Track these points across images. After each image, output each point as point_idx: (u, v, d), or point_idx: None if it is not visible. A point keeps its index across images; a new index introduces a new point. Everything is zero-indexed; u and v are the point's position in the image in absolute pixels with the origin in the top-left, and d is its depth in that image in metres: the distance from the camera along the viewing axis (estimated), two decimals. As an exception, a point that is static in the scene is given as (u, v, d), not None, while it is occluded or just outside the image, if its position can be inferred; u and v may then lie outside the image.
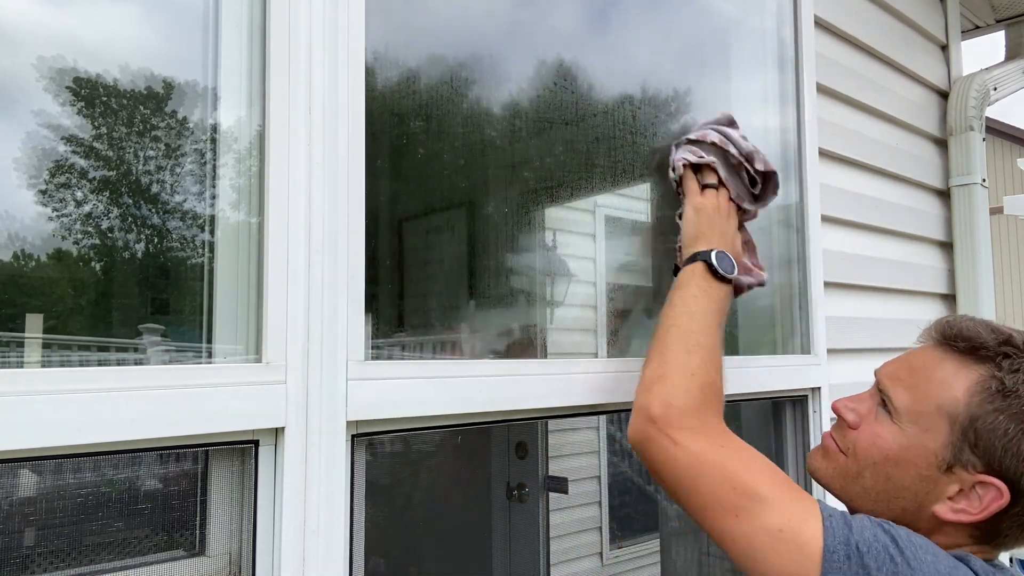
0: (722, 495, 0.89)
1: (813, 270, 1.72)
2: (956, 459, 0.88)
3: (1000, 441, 0.86)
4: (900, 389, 0.95)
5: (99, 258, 0.81)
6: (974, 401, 0.88)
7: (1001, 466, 0.86)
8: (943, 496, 0.90)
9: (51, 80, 0.77)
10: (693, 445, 0.94)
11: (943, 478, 0.89)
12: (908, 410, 0.93)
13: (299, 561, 0.83)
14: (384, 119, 1.03)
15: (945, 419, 0.89)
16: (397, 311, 1.08)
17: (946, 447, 0.89)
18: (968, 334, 0.93)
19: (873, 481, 0.95)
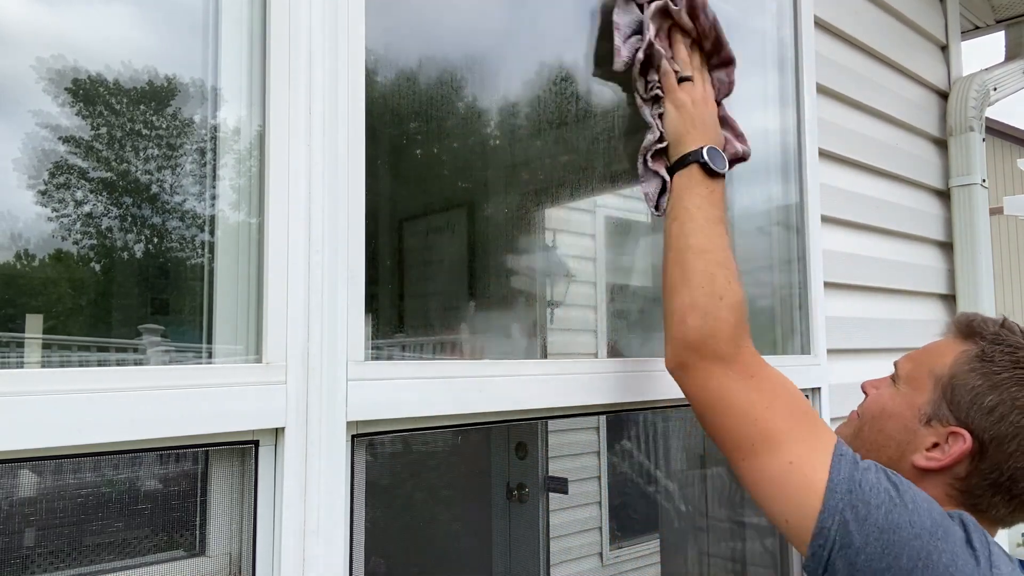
0: (743, 430, 0.96)
1: (813, 270, 1.72)
2: (934, 413, 1.00)
3: (968, 395, 0.98)
4: (907, 362, 1.10)
5: (99, 258, 0.81)
6: (956, 364, 1.01)
7: (968, 418, 0.97)
8: (921, 447, 1.01)
9: (50, 80, 0.77)
10: (724, 378, 0.99)
11: (922, 430, 1.01)
12: (906, 375, 1.07)
13: (299, 561, 0.83)
14: (384, 119, 1.03)
15: (932, 379, 1.02)
16: (397, 311, 1.08)
17: (928, 403, 1.01)
18: (971, 318, 1.06)
19: (870, 432, 1.08)
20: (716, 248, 1.06)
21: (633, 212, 1.47)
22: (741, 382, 0.98)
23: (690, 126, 1.16)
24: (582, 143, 1.32)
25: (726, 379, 0.99)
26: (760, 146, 1.72)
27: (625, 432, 4.01)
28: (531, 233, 1.27)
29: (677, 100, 1.18)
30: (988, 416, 0.96)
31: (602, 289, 1.39)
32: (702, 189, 1.11)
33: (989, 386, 0.96)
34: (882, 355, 2.13)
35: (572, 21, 1.31)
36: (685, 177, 1.13)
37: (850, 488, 0.87)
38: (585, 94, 1.32)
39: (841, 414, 1.84)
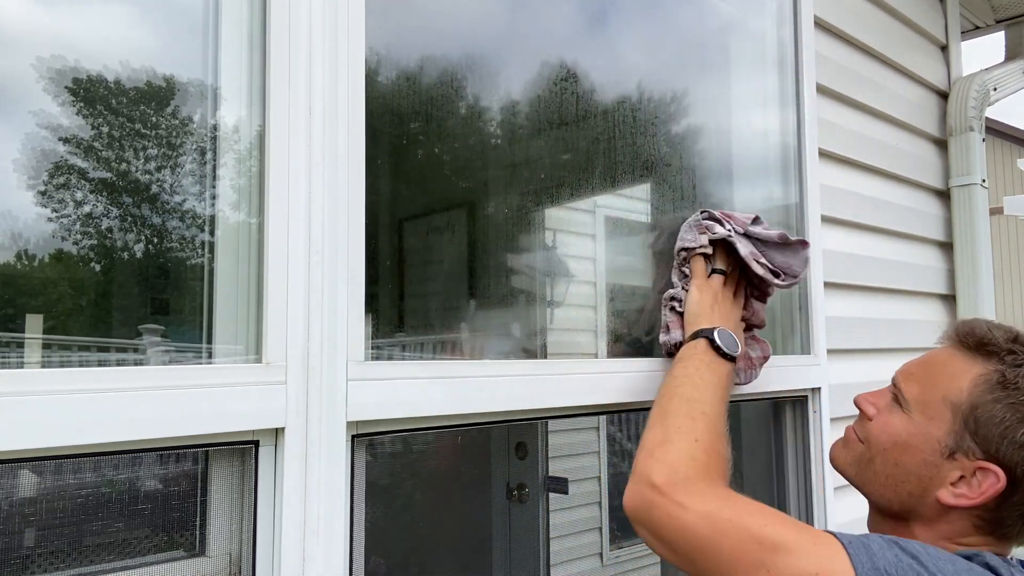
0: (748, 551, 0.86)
1: (813, 270, 1.72)
2: (958, 446, 0.93)
3: (997, 429, 0.91)
4: (912, 383, 1.01)
5: (99, 258, 0.81)
6: (976, 392, 0.93)
7: (999, 453, 0.90)
8: (946, 482, 0.94)
9: (50, 80, 0.77)
10: (704, 506, 0.90)
11: (945, 464, 0.94)
12: (916, 400, 0.99)
13: (299, 561, 0.83)
14: (384, 119, 1.03)
15: (949, 408, 0.95)
16: (397, 311, 1.08)
17: (949, 434, 0.94)
18: (979, 332, 0.98)
19: (883, 466, 1.00)
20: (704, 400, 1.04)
21: (633, 212, 1.47)
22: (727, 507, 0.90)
23: (708, 310, 1.20)
24: (582, 143, 1.32)
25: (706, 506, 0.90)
26: (760, 146, 1.72)
27: (625, 432, 4.01)
28: (531, 233, 1.27)
29: (701, 285, 1.23)
30: (1021, 450, 0.90)
31: (602, 289, 1.39)
32: (705, 357, 1.11)
33: (1019, 419, 0.90)
34: (882, 355, 2.13)
35: (572, 21, 1.31)
36: (691, 347, 1.15)
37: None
38: (586, 94, 1.32)
39: (840, 414, 1.84)
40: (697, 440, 0.98)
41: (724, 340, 1.14)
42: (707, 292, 1.22)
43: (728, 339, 1.14)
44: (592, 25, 1.36)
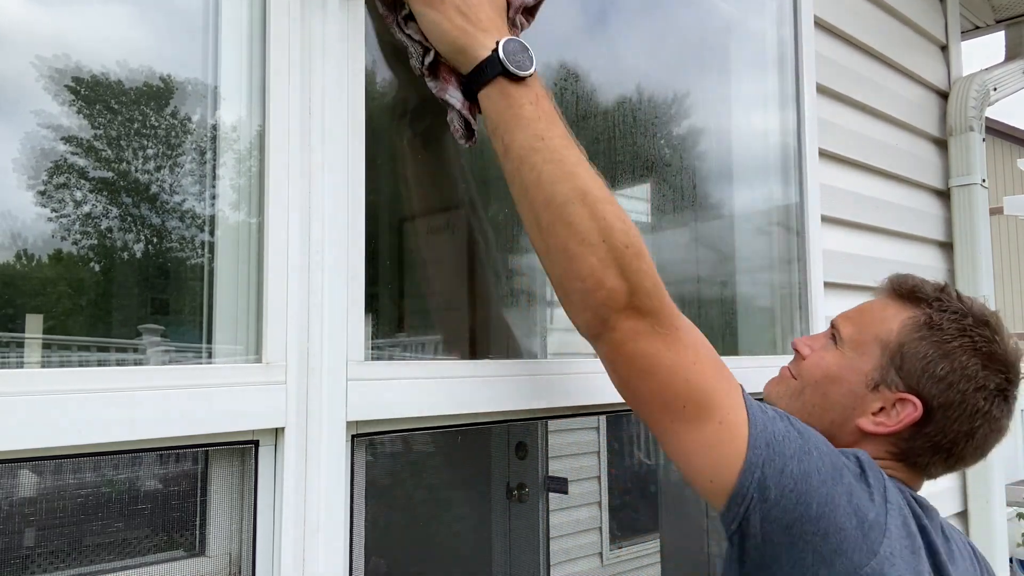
0: (672, 391, 0.89)
1: (813, 270, 1.72)
2: (883, 379, 1.01)
3: (920, 363, 0.98)
4: (847, 323, 1.09)
5: (99, 258, 0.81)
6: (904, 331, 1.01)
7: (918, 385, 0.98)
8: (867, 411, 1.01)
9: (50, 80, 0.77)
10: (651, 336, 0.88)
11: (869, 395, 1.02)
12: (850, 339, 1.06)
13: (299, 561, 0.83)
14: (384, 119, 1.03)
15: (879, 345, 1.02)
16: (397, 311, 1.08)
17: (875, 369, 1.02)
18: (911, 282, 1.06)
19: (811, 396, 1.07)
20: (590, 184, 0.87)
21: (633, 212, 1.47)
22: (668, 338, 0.88)
23: (461, 20, 0.88)
24: (582, 143, 1.32)
25: (652, 337, 0.88)
26: (760, 146, 1.72)
27: (625, 432, 4.01)
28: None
29: None
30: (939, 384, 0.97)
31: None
32: (527, 107, 0.87)
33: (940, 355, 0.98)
34: (882, 355, 2.13)
35: (572, 21, 1.31)
36: (498, 99, 0.88)
37: (768, 441, 0.87)
38: (585, 94, 1.32)
39: (841, 414, 1.84)
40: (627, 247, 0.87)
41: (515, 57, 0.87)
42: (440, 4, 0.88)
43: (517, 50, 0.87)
44: (592, 25, 1.36)
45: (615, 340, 0.89)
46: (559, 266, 0.90)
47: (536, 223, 0.90)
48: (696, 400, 0.89)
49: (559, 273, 0.91)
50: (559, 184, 0.86)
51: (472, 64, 0.89)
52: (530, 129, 0.87)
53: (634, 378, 0.91)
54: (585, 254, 0.86)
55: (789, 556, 0.86)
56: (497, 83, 0.87)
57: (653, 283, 0.89)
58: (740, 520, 0.87)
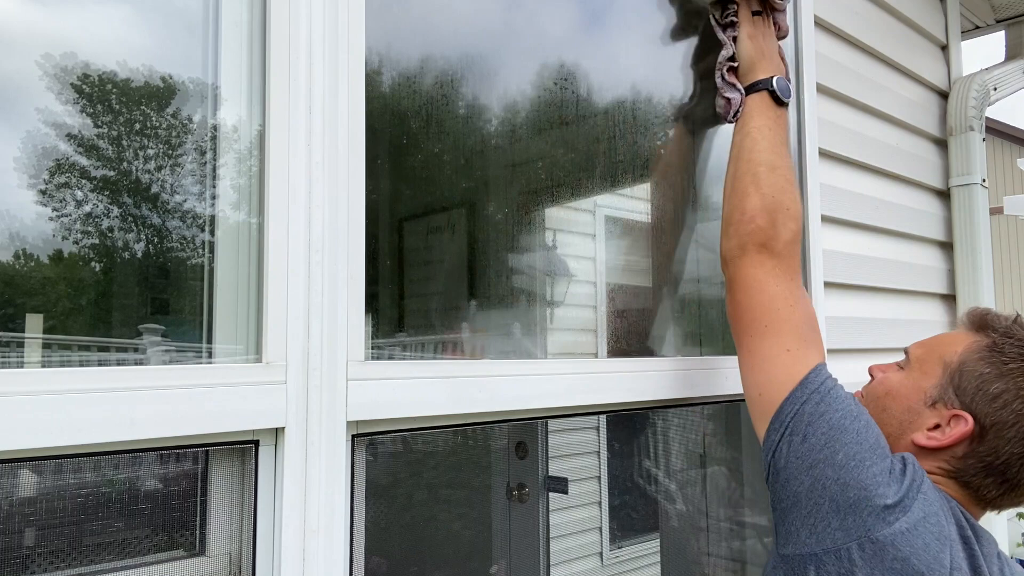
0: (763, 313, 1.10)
1: (813, 270, 1.72)
2: (940, 396, 1.04)
3: (975, 382, 1.02)
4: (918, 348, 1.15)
5: (99, 258, 0.81)
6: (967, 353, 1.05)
7: (972, 403, 1.01)
8: (923, 427, 1.05)
9: (51, 80, 0.77)
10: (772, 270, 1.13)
11: (926, 412, 1.05)
12: (916, 359, 1.12)
13: (299, 561, 0.83)
14: (384, 119, 1.03)
15: (941, 366, 1.07)
16: (397, 311, 1.08)
17: (935, 387, 1.06)
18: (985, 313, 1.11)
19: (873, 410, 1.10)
20: (785, 167, 1.21)
21: (633, 212, 1.47)
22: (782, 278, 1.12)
23: (760, 56, 1.31)
24: (582, 143, 1.32)
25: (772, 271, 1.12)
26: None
27: (625, 432, 4.01)
28: (531, 233, 1.27)
29: (751, 30, 1.33)
30: (992, 402, 0.99)
31: (602, 289, 1.39)
32: (771, 113, 1.26)
33: (997, 374, 1.00)
34: (882, 355, 2.13)
35: (572, 21, 1.31)
36: (756, 101, 1.28)
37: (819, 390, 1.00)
38: (586, 94, 1.32)
39: (841, 414, 1.83)
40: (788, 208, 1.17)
41: (782, 88, 1.28)
42: (756, 36, 1.33)
43: (784, 86, 1.29)
44: (592, 25, 1.36)
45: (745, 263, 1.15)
46: (733, 203, 1.20)
47: (734, 174, 1.23)
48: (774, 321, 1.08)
49: (731, 208, 1.20)
50: (763, 154, 1.21)
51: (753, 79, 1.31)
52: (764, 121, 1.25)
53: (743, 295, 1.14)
54: (755, 197, 1.17)
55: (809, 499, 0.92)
56: (762, 93, 1.28)
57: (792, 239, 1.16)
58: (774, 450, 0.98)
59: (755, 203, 1.16)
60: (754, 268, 1.14)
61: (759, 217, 1.15)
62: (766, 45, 1.34)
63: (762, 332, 1.09)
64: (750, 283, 1.13)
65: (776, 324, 1.08)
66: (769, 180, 1.18)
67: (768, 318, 1.09)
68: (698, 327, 1.50)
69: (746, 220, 1.16)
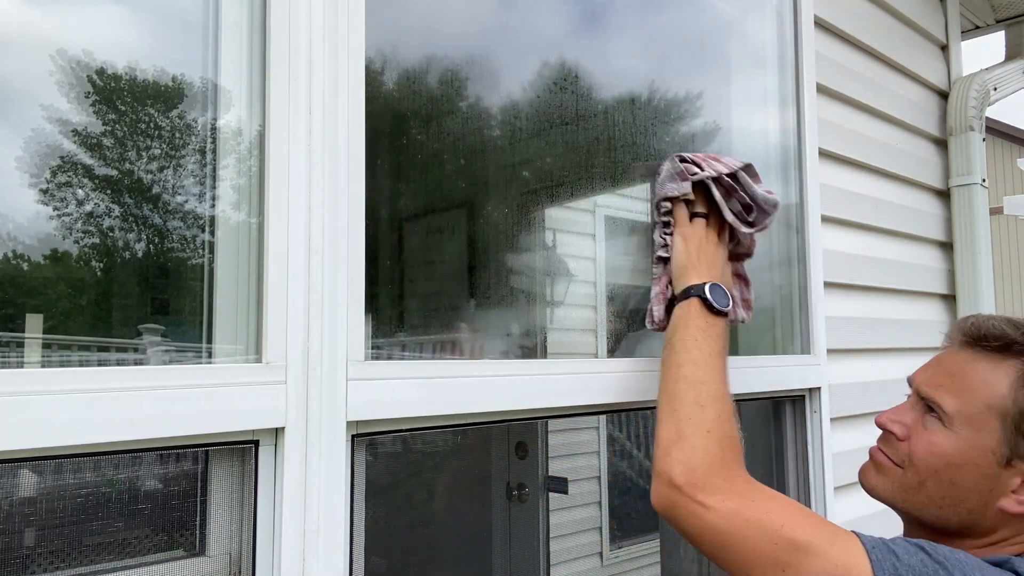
0: (766, 551, 0.88)
1: (813, 270, 1.72)
2: (1013, 452, 0.92)
3: None
4: (946, 394, 0.98)
5: (99, 258, 0.81)
6: (1020, 395, 0.92)
7: None
8: (1007, 491, 0.92)
9: (51, 81, 0.77)
10: (724, 506, 0.92)
11: (1004, 473, 0.92)
12: (959, 413, 0.96)
13: (299, 561, 0.83)
14: (384, 119, 1.03)
15: (996, 416, 0.93)
16: (397, 311, 1.08)
17: (1001, 443, 0.92)
18: (996, 332, 0.97)
19: (937, 488, 0.96)
20: (710, 380, 1.03)
21: (633, 212, 1.47)
22: (747, 506, 0.92)
23: (695, 260, 1.17)
24: (582, 143, 1.32)
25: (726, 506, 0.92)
26: (760, 146, 1.72)
27: (625, 432, 4.01)
28: (531, 233, 1.27)
29: (686, 232, 1.19)
30: None
31: (602, 289, 1.39)
32: (700, 322, 1.10)
33: None
34: (882, 355, 2.13)
35: (572, 21, 1.31)
36: (684, 308, 1.13)
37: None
38: (585, 94, 1.32)
39: (840, 414, 1.84)
40: (709, 431, 0.98)
41: (716, 296, 1.12)
42: (692, 240, 1.18)
43: (719, 294, 1.13)
44: (592, 25, 1.36)
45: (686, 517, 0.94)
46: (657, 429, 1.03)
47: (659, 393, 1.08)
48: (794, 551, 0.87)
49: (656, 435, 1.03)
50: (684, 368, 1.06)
51: (684, 285, 1.15)
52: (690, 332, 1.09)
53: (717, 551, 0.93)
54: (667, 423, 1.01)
55: None
56: (692, 300, 1.12)
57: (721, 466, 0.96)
58: None
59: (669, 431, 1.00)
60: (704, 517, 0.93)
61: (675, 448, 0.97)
62: (706, 250, 1.18)
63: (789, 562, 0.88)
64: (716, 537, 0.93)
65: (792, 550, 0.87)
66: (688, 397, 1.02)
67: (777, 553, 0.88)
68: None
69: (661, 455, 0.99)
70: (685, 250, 1.18)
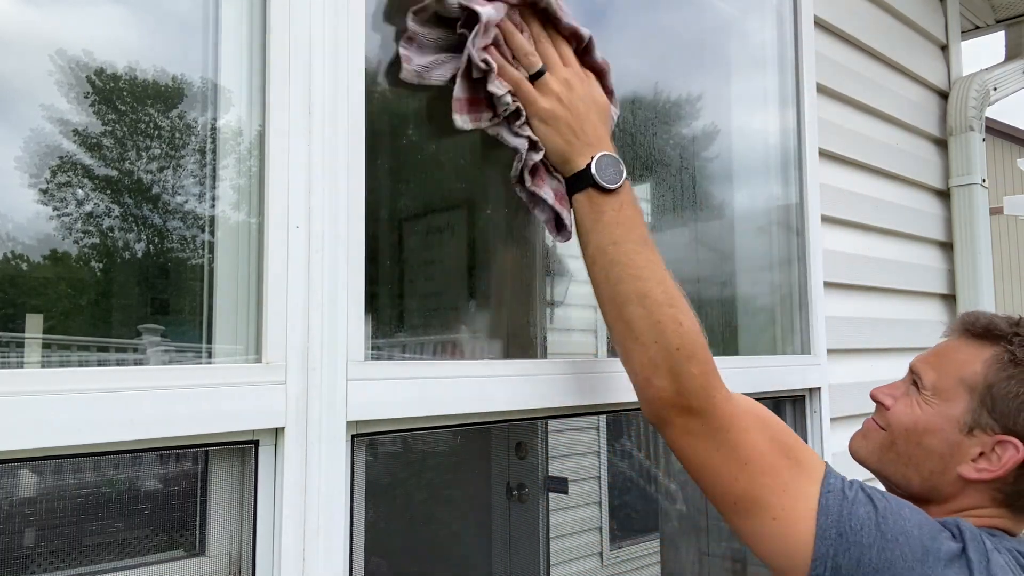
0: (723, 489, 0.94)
1: (813, 270, 1.72)
2: (976, 422, 0.99)
3: (1014, 403, 0.97)
4: (929, 369, 1.07)
5: (99, 258, 0.81)
6: (990, 371, 1.00)
7: (1016, 426, 0.96)
8: (967, 458, 0.99)
9: (50, 81, 0.77)
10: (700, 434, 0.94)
11: (966, 441, 0.99)
12: (934, 385, 1.05)
13: (299, 561, 0.83)
14: (384, 119, 1.03)
15: (965, 389, 1.01)
16: (397, 311, 1.08)
17: (967, 412, 1.00)
18: (984, 320, 1.06)
19: (905, 446, 1.05)
20: (652, 286, 0.95)
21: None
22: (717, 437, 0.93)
23: (569, 135, 1.00)
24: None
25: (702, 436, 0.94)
26: (760, 146, 1.72)
27: (625, 432, 4.01)
28: (531, 233, 1.27)
29: (540, 111, 1.00)
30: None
31: (602, 289, 1.39)
32: (609, 213, 0.98)
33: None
34: (882, 355, 2.13)
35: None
36: (584, 204, 0.99)
37: (840, 531, 0.87)
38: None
39: (840, 414, 1.84)
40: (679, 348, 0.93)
41: (606, 174, 0.98)
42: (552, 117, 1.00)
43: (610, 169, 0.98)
44: (591, 25, 1.36)
45: (669, 435, 0.97)
46: (621, 358, 1.01)
47: (604, 316, 1.01)
48: (746, 499, 0.92)
49: (622, 363, 1.01)
50: (621, 284, 0.96)
51: (570, 173, 1.01)
52: (606, 233, 0.98)
53: (691, 471, 0.97)
54: (637, 352, 0.96)
55: None
56: (587, 191, 0.99)
57: (702, 383, 0.94)
58: None
59: (642, 360, 0.95)
60: (684, 438, 0.95)
61: (655, 377, 0.94)
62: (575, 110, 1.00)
63: (737, 513, 0.93)
64: (691, 459, 0.96)
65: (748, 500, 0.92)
66: (642, 320, 0.94)
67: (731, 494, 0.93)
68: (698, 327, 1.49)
69: (642, 384, 0.96)
70: (553, 133, 1.00)
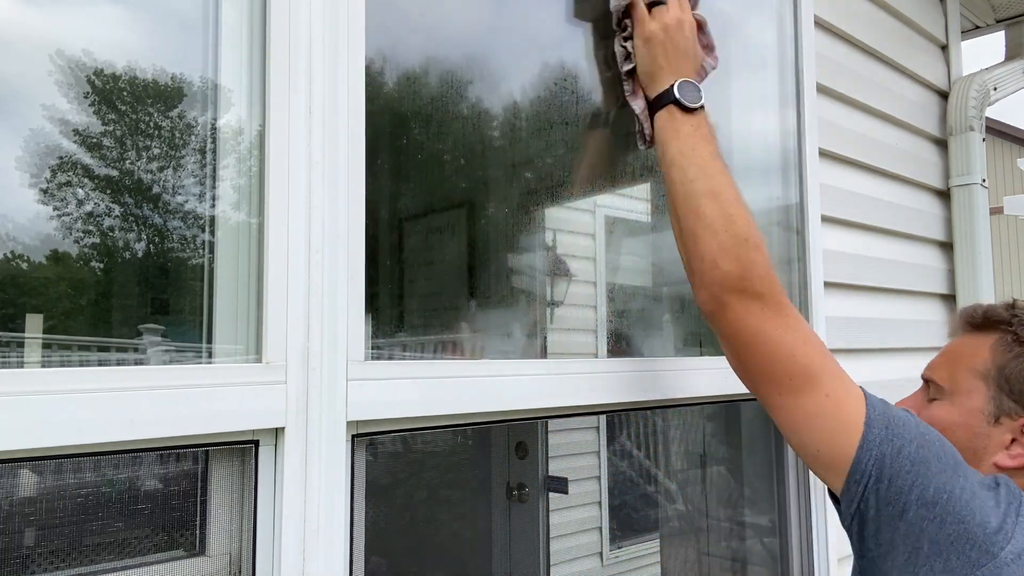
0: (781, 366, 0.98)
1: (813, 270, 1.72)
2: (1000, 410, 0.99)
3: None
4: (940, 370, 1.08)
5: (100, 258, 0.81)
6: (998, 355, 1.00)
7: None
8: (1000, 447, 0.99)
9: (50, 81, 0.77)
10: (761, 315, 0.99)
11: (995, 431, 1.00)
12: (949, 383, 1.06)
13: (299, 561, 0.83)
14: (384, 119, 1.03)
15: (979, 378, 1.01)
16: (397, 311, 1.08)
17: (988, 402, 1.00)
18: (982, 310, 1.07)
19: None
20: (725, 187, 1.05)
21: (633, 212, 1.47)
22: (778, 319, 0.99)
23: (662, 60, 1.13)
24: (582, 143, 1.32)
25: (763, 316, 0.99)
26: (760, 145, 1.72)
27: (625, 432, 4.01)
28: (531, 233, 1.27)
29: (646, 32, 1.15)
30: None
31: (602, 289, 1.39)
32: (687, 128, 1.09)
33: None
34: (882, 355, 2.13)
35: (570, 20, 1.31)
36: (667, 119, 1.11)
37: (887, 424, 0.91)
38: (585, 94, 1.32)
39: (841, 414, 1.83)
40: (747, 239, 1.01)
41: (687, 95, 1.10)
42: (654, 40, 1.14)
43: (689, 90, 1.11)
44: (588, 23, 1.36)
45: (728, 317, 1.01)
46: (688, 248, 1.06)
47: (675, 212, 1.09)
48: (801, 372, 0.96)
49: (688, 255, 1.07)
50: (697, 182, 1.05)
51: (655, 92, 1.14)
52: (683, 141, 1.09)
53: (744, 351, 1.01)
54: (708, 238, 1.02)
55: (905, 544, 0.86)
56: (668, 108, 1.11)
57: (765, 271, 1.01)
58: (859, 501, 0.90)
59: (711, 246, 1.02)
60: (745, 319, 1.00)
61: (722, 261, 1.01)
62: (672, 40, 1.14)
63: (791, 389, 0.97)
64: (748, 338, 1.00)
65: (803, 375, 0.96)
66: (715, 212, 1.03)
67: (791, 371, 0.97)
68: (698, 327, 1.50)
69: (709, 268, 1.02)
70: (649, 54, 1.15)
